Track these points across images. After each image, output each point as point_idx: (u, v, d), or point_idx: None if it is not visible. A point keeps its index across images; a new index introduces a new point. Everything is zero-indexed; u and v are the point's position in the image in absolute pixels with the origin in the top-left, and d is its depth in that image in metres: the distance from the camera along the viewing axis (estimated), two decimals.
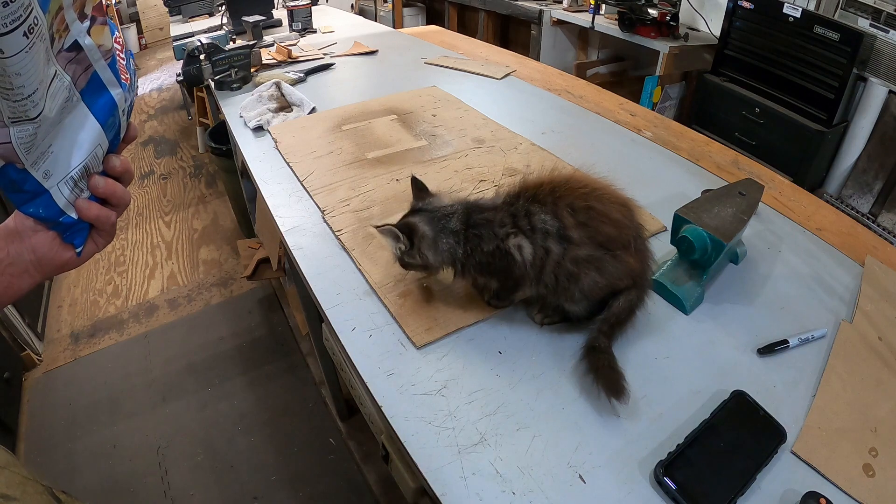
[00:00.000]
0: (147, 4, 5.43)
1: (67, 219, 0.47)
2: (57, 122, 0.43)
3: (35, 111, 0.40)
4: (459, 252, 0.69)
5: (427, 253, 0.69)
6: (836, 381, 0.65)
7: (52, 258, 0.47)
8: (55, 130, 0.43)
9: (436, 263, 0.70)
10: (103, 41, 0.45)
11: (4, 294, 0.45)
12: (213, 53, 1.51)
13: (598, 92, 1.52)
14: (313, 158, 1.14)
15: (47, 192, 0.45)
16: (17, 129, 0.40)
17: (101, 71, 0.46)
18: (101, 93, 0.46)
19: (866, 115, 2.00)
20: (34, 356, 1.92)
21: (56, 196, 0.45)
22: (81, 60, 0.43)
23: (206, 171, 3.25)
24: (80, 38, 0.42)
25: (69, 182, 0.46)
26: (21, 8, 0.35)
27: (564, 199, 0.65)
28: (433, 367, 0.67)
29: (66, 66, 0.42)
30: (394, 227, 0.70)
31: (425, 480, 0.55)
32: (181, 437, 1.65)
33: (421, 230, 0.69)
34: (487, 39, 3.42)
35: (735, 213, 0.77)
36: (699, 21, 2.54)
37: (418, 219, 0.70)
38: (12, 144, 0.40)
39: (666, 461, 0.55)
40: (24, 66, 0.37)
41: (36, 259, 0.46)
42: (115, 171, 0.48)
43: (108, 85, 0.46)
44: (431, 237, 0.69)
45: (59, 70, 0.41)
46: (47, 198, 0.45)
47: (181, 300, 2.23)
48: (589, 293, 0.66)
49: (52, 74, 0.40)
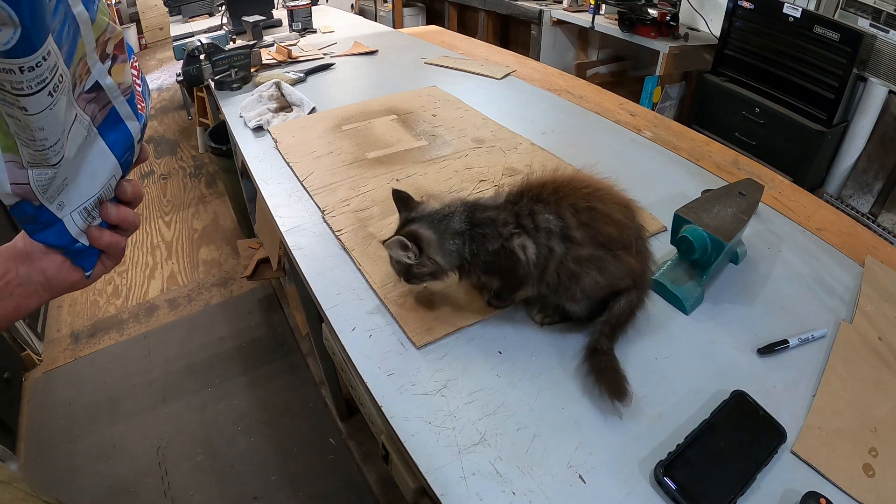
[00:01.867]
0: (147, 4, 5.43)
1: (79, 246, 0.47)
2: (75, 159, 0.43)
3: (56, 158, 0.40)
4: (466, 252, 0.68)
5: (436, 257, 0.68)
6: (836, 381, 0.65)
7: (62, 280, 0.47)
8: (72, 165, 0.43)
9: (446, 267, 0.69)
10: (123, 79, 0.44)
11: (14, 313, 0.46)
12: (213, 53, 1.51)
13: (598, 92, 1.52)
14: (313, 158, 1.14)
15: (60, 221, 0.44)
16: (37, 172, 0.40)
17: (119, 106, 0.45)
18: (119, 126, 0.46)
19: (866, 115, 2.00)
20: (34, 356, 1.92)
21: (69, 225, 0.45)
22: (101, 98, 0.43)
23: (206, 171, 3.25)
24: (101, 79, 0.42)
25: (83, 212, 0.46)
26: (48, 70, 0.35)
27: (567, 199, 0.65)
28: (433, 367, 0.67)
29: (86, 106, 0.42)
30: (401, 237, 0.67)
31: (425, 480, 0.55)
32: (181, 437, 1.65)
33: (426, 236, 0.68)
34: (487, 39, 3.42)
35: (735, 213, 0.77)
36: (699, 21, 2.54)
37: (418, 226, 0.69)
38: (30, 186, 0.40)
39: (666, 461, 0.55)
40: (48, 122, 0.37)
41: (45, 280, 0.46)
42: (126, 196, 0.49)
43: (125, 119, 0.46)
44: (437, 241, 0.68)
45: (80, 112, 0.41)
46: (60, 227, 0.45)
47: (181, 300, 2.23)
48: (590, 293, 0.66)
49: (72, 118, 0.40)
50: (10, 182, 0.39)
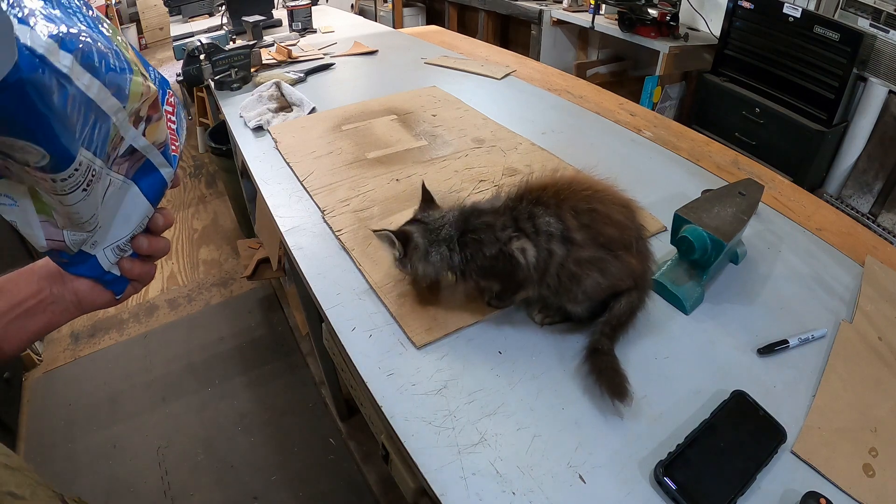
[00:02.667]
0: (147, 4, 5.43)
1: (110, 276, 0.48)
2: (109, 207, 0.43)
3: (90, 227, 0.42)
4: (457, 259, 0.69)
5: (417, 265, 0.70)
6: (836, 381, 0.65)
7: (93, 300, 0.49)
8: (105, 212, 0.44)
9: (425, 275, 0.71)
10: (157, 136, 0.45)
11: (46, 328, 0.48)
12: (213, 53, 1.51)
13: (598, 92, 1.52)
14: (313, 158, 1.14)
15: (94, 257, 0.46)
16: (71, 233, 0.42)
17: (153, 158, 0.46)
18: (153, 174, 0.47)
19: (866, 115, 2.00)
20: (34, 356, 1.92)
21: (101, 260, 0.46)
22: (136, 157, 0.44)
23: (206, 171, 3.25)
24: (136, 142, 0.42)
25: (115, 249, 0.47)
26: (81, 175, 0.36)
27: (568, 202, 0.65)
28: (433, 367, 0.67)
29: (121, 166, 0.42)
30: (391, 232, 0.70)
31: (425, 480, 0.55)
32: (181, 437, 1.65)
33: (415, 241, 0.70)
34: (487, 39, 3.42)
35: (735, 213, 0.77)
36: (699, 21, 2.54)
37: (415, 228, 0.71)
38: (65, 242, 0.42)
39: (666, 461, 0.55)
40: (83, 207, 0.39)
41: (77, 300, 0.48)
42: (158, 228, 0.50)
43: (159, 167, 0.47)
44: (423, 250, 0.69)
45: (114, 177, 0.42)
46: (93, 261, 0.46)
47: (181, 300, 2.23)
48: (591, 294, 0.66)
49: (107, 185, 0.41)
50: (46, 238, 0.41)
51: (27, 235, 0.41)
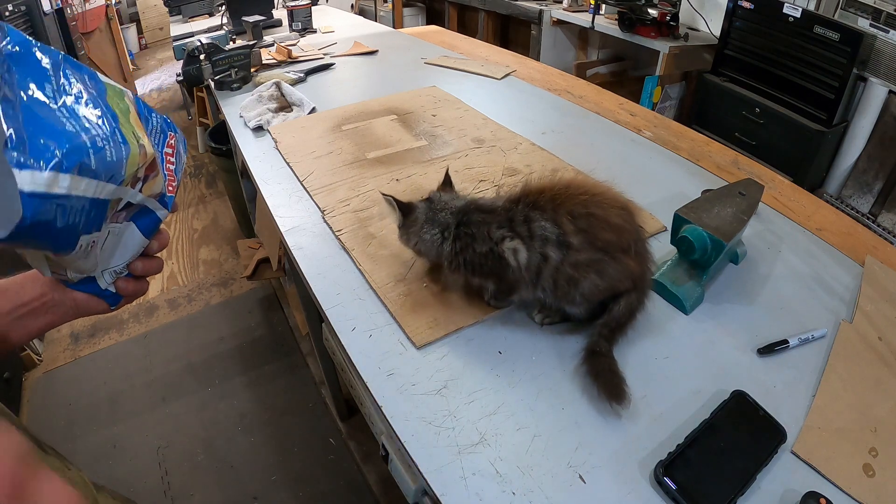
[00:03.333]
0: (147, 4, 5.43)
1: (108, 292, 0.53)
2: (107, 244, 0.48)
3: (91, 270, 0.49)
4: (446, 247, 0.70)
5: (413, 238, 0.73)
6: (836, 381, 0.65)
7: (91, 308, 0.54)
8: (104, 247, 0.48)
9: (422, 252, 0.74)
10: (154, 190, 0.49)
11: (47, 326, 0.53)
12: (213, 53, 1.51)
13: (598, 92, 1.52)
14: (313, 158, 1.14)
15: (92, 277, 0.51)
16: (74, 273, 0.48)
17: (150, 204, 0.50)
18: (150, 215, 0.51)
19: (866, 115, 2.00)
20: (34, 356, 1.92)
21: (99, 280, 0.52)
22: (133, 207, 0.48)
23: (206, 171, 3.25)
24: (133, 199, 0.46)
25: (112, 273, 0.52)
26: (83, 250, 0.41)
27: (565, 206, 0.65)
28: (433, 367, 0.67)
29: (118, 216, 0.46)
30: (394, 198, 0.73)
31: (425, 480, 0.55)
32: (181, 437, 1.65)
33: (416, 216, 0.73)
34: (487, 39, 3.42)
35: (735, 213, 0.77)
36: (699, 21, 2.54)
37: (422, 204, 0.74)
38: (68, 276, 0.49)
39: (666, 461, 0.55)
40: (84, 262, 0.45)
41: (75, 306, 0.53)
42: (153, 252, 0.55)
43: (155, 210, 0.51)
44: (419, 225, 0.72)
45: (112, 227, 0.46)
46: (93, 283, 0.51)
47: (181, 300, 2.23)
48: (589, 296, 0.66)
49: (105, 236, 0.45)
50: (52, 271, 0.47)
51: (34, 266, 0.47)
